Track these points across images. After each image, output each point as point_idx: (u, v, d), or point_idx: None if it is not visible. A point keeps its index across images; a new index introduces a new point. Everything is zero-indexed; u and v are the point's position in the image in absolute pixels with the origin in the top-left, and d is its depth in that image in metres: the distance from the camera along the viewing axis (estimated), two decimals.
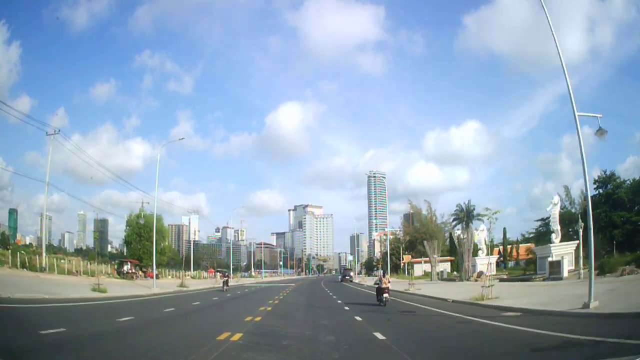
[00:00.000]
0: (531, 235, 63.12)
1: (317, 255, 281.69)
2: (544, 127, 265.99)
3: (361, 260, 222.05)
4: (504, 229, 66.71)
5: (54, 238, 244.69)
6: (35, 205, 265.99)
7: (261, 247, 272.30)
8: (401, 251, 63.83)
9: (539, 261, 35.40)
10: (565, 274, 28.63)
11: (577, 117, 15.26)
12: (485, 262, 40.38)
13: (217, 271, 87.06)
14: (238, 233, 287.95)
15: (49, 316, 14.57)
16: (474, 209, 47.40)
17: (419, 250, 73.05)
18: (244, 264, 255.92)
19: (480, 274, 36.27)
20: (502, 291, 21.22)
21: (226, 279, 37.33)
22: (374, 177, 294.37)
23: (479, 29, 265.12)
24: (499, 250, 56.28)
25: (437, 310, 18.14)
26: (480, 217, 47.88)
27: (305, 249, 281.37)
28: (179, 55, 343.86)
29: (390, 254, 76.98)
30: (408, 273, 63.83)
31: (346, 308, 20.07)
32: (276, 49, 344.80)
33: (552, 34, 15.80)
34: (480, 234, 38.43)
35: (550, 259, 30.17)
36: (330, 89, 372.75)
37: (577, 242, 32.72)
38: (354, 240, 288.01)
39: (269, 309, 19.29)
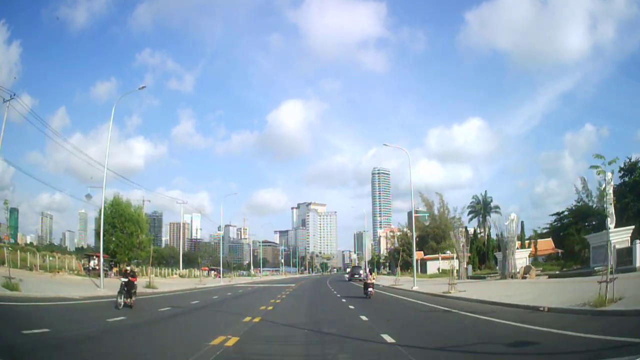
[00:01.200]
0: (545, 230, 57.85)
1: (320, 253, 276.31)
2: (546, 125, 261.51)
3: (366, 258, 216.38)
4: (522, 222, 58.52)
5: (55, 237, 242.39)
6: (37, 204, 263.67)
7: (264, 246, 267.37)
8: (413, 247, 57.35)
9: (593, 252, 29.32)
10: (638, 263, 22.60)
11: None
12: (523, 257, 34.34)
13: (211, 269, 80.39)
14: (241, 231, 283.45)
15: None
16: (491, 200, 41.57)
17: (431, 247, 68.55)
18: (247, 262, 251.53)
19: (529, 269, 30.64)
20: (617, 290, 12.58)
21: (127, 283, 16.12)
22: (378, 174, 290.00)
23: (480, 26, 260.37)
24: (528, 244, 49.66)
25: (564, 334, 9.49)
26: (497, 210, 41.99)
27: (309, 247, 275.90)
28: (180, 54, 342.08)
29: (400, 250, 72.37)
30: (422, 271, 57.76)
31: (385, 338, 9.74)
32: (277, 46, 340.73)
33: None
34: (511, 225, 32.22)
35: (617, 246, 24.04)
36: (332, 87, 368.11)
37: (632, 227, 26.97)
38: (359, 238, 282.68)
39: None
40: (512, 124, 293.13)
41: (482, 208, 41.63)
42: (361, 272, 57.12)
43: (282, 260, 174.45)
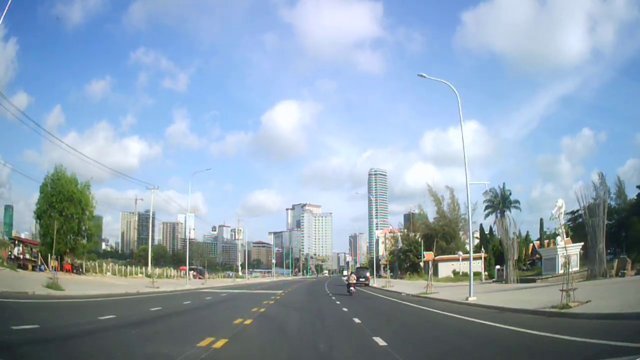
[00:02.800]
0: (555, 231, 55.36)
1: (315, 255, 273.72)
2: (543, 129, 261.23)
3: (362, 261, 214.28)
4: (540, 219, 51.87)
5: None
6: (33, 202, 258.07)
7: (257, 247, 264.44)
8: (421, 247, 52.58)
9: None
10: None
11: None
12: (574, 251, 30.22)
13: (191, 269, 70.50)
14: (235, 232, 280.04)
15: None
16: (510, 194, 39.25)
17: (440, 247, 62.68)
18: (240, 263, 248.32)
19: (624, 262, 24.43)
20: None
21: None
22: (375, 175, 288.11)
23: (477, 27, 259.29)
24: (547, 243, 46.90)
25: None
26: (517, 205, 39.75)
27: (303, 248, 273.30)
28: (174, 53, 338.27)
29: (405, 251, 67.56)
30: (435, 274, 53.98)
31: None
32: (272, 46, 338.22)
33: None
34: (559, 213, 28.56)
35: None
36: (328, 88, 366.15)
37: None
38: (354, 240, 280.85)
39: None
40: (509, 127, 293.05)
41: (500, 202, 39.01)
42: (367, 274, 48.03)
43: (274, 261, 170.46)
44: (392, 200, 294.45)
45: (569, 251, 28.59)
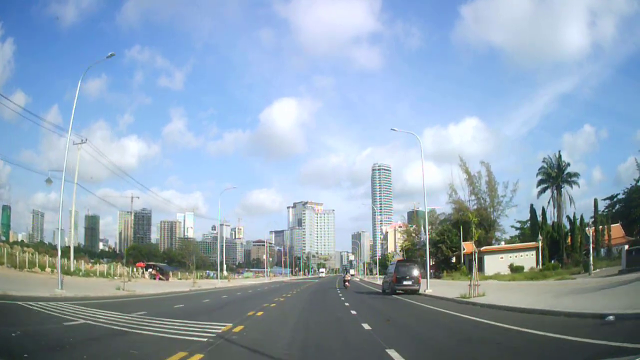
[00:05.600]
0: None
1: (317, 253, 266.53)
2: (543, 127, 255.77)
3: (365, 259, 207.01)
4: (595, 200, 43.61)
5: (47, 235, 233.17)
6: (32, 203, 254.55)
7: (257, 245, 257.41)
8: (459, 237, 42.45)
9: None
10: None
11: None
12: None
13: (149, 266, 54.91)
14: (235, 231, 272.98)
15: None
16: (567, 165, 31.56)
17: (478, 237, 50.33)
18: (241, 262, 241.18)
19: None
20: None
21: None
22: (379, 169, 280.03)
23: (476, 21, 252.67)
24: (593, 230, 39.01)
25: None
26: (576, 180, 31.90)
27: (305, 247, 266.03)
28: (169, 51, 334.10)
29: (436, 242, 54.21)
30: (480, 270, 42.71)
31: None
32: (268, 43, 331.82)
33: None
34: None
35: None
36: (326, 85, 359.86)
37: None
38: (357, 239, 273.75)
39: None
40: (510, 125, 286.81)
41: (557, 175, 31.16)
42: (416, 272, 26.69)
43: (270, 259, 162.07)
44: (394, 198, 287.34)
45: None
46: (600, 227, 38.75)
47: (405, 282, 25.83)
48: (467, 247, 45.42)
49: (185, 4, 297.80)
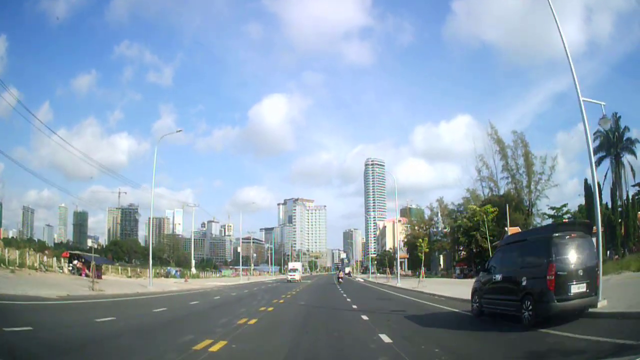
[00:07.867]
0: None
1: (308, 251, 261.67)
2: (537, 126, 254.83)
3: (357, 258, 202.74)
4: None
5: (37, 232, 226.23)
6: (25, 200, 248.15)
7: (246, 242, 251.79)
8: (487, 225, 34.05)
9: None
10: None
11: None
12: None
13: (74, 256, 40.76)
14: (225, 228, 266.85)
15: None
16: (627, 129, 27.06)
17: (515, 221, 41.78)
18: (230, 260, 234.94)
19: None
20: None
21: None
22: (372, 165, 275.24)
23: (468, 16, 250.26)
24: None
25: None
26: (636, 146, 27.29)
27: (295, 244, 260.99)
28: (158, 46, 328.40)
29: (467, 230, 45.41)
30: None
31: None
32: (257, 37, 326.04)
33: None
34: None
35: None
36: (316, 81, 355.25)
37: None
38: (348, 237, 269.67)
39: None
40: (504, 123, 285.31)
41: (617, 141, 26.18)
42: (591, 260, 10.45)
43: (254, 255, 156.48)
44: (386, 195, 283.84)
45: None
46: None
47: (574, 288, 9.95)
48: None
49: None
